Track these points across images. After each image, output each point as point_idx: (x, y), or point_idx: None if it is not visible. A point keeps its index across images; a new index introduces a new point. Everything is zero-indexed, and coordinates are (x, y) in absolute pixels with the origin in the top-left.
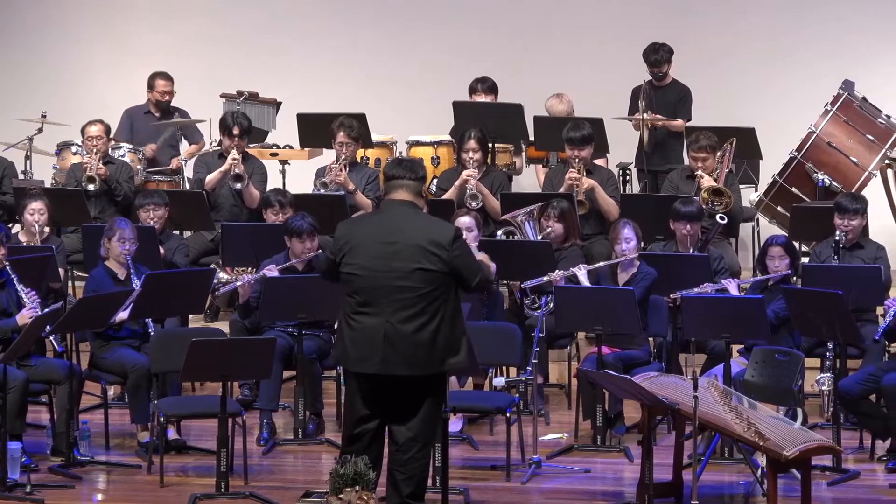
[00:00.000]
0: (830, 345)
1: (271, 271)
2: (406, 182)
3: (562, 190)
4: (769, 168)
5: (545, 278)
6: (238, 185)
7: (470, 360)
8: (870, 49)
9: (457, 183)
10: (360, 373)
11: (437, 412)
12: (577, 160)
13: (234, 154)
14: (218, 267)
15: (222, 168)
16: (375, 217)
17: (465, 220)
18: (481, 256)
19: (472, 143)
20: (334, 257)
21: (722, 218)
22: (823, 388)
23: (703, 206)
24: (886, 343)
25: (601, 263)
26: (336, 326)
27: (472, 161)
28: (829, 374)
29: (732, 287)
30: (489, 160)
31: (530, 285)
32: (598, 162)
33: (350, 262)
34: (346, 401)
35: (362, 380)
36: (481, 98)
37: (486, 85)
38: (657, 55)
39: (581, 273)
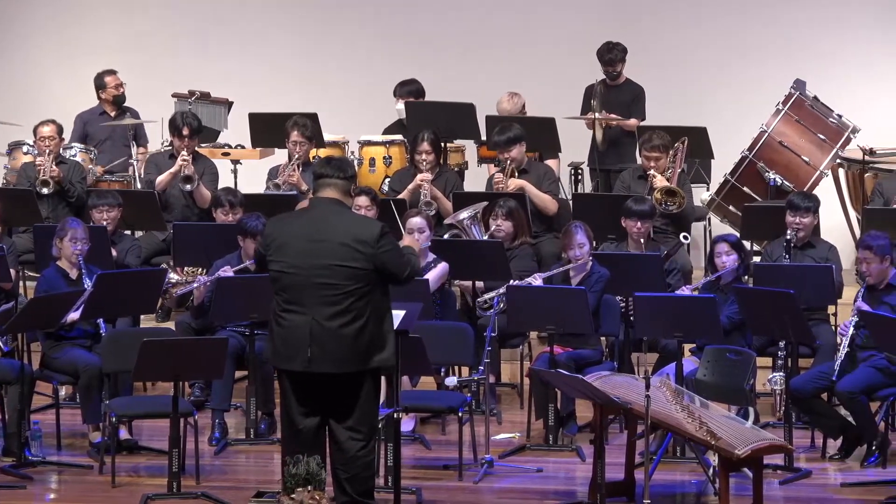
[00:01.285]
0: (782, 344)
1: (226, 272)
2: (334, 181)
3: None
4: (721, 167)
5: (502, 290)
6: (188, 187)
7: (420, 359)
8: (821, 48)
9: (410, 187)
10: (290, 371)
11: (374, 409)
12: (508, 161)
13: (184, 155)
14: (169, 267)
15: (172, 169)
16: (303, 215)
17: (416, 221)
18: (407, 241)
19: (426, 146)
20: (263, 251)
21: (686, 237)
22: (775, 387)
23: (657, 206)
24: (839, 343)
25: (555, 270)
26: (268, 325)
27: (424, 163)
28: (780, 374)
29: (686, 294)
30: (441, 160)
31: (489, 296)
32: (551, 162)
33: (277, 259)
34: (281, 399)
35: (293, 378)
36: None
37: (405, 89)
38: (611, 54)
39: (537, 282)
